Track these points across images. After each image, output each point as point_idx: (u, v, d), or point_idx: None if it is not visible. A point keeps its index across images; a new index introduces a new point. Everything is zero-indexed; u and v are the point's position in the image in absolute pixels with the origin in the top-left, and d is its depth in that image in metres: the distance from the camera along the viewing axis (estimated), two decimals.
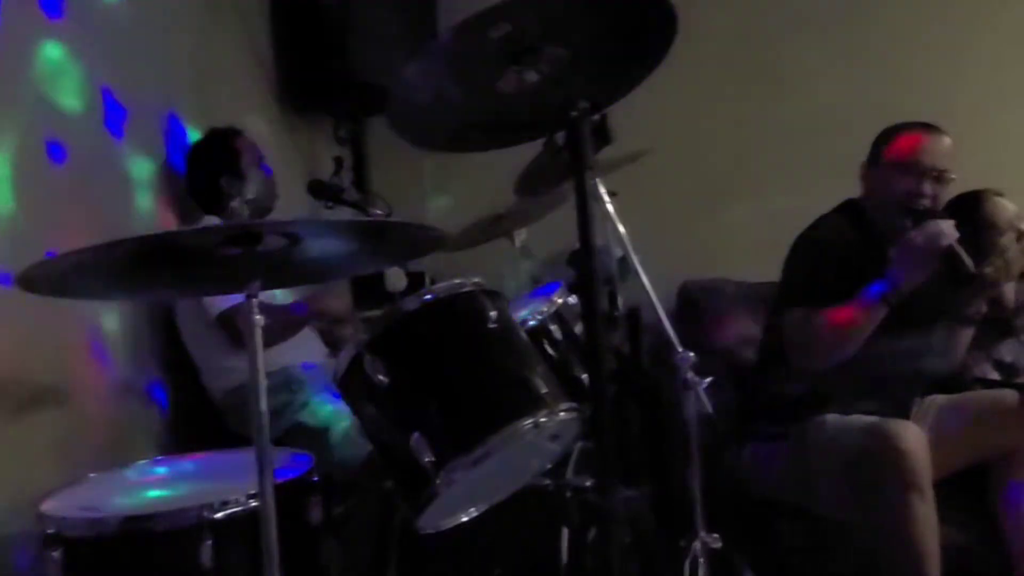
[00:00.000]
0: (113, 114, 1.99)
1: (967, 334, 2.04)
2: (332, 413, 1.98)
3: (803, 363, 1.84)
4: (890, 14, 2.98)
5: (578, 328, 1.71)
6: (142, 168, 2.11)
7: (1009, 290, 2.19)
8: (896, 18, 2.98)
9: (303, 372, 2.10)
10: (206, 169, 2.18)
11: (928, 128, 1.94)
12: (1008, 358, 2.18)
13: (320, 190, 2.21)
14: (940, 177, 1.89)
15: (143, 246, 1.06)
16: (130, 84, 2.05)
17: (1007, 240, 2.09)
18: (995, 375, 2.15)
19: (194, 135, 2.31)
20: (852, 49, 2.98)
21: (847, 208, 2.03)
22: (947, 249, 1.76)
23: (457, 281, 1.45)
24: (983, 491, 1.90)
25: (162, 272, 1.15)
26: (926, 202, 1.88)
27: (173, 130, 2.28)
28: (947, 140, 1.92)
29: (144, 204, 2.10)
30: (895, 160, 1.92)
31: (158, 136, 2.22)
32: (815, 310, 1.82)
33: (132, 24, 2.13)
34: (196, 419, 2.14)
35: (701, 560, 1.56)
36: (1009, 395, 1.91)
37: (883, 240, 1.93)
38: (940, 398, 2.02)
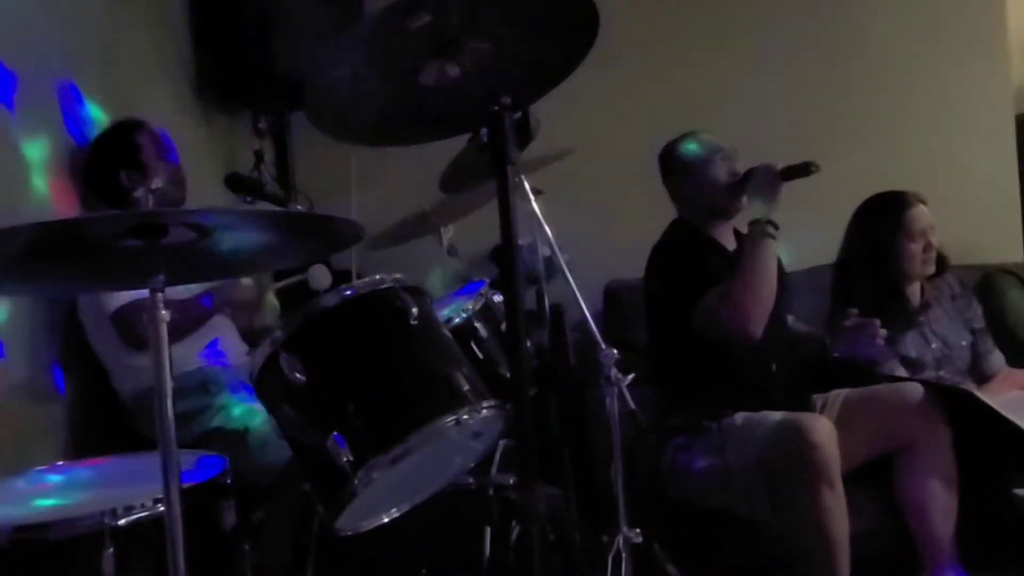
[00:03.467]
0: (3, 84, 1.85)
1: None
2: (252, 415, 1.91)
3: (742, 332, 1.91)
4: (812, 19, 3.09)
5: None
6: (37, 148, 1.97)
7: (914, 290, 2.35)
8: (813, 27, 3.09)
9: (220, 372, 2.02)
10: (106, 164, 2.06)
11: (694, 133, 2.22)
12: (913, 353, 2.29)
13: (238, 184, 2.13)
14: (735, 154, 2.17)
15: (37, 235, 0.99)
16: (27, 58, 1.91)
17: (915, 248, 2.27)
18: (901, 370, 2.26)
19: (97, 113, 2.18)
20: (772, 50, 3.08)
21: (677, 226, 2.20)
22: (784, 171, 1.99)
23: (377, 277, 1.42)
24: (888, 480, 1.99)
25: (59, 264, 1.08)
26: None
27: (75, 110, 2.14)
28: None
29: (39, 187, 1.96)
30: (704, 160, 2.15)
31: (57, 115, 2.07)
32: (721, 287, 1.93)
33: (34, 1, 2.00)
34: (104, 422, 2.03)
35: (624, 555, 1.58)
36: (913, 388, 2.01)
37: (714, 242, 2.15)
38: (845, 391, 2.11)
